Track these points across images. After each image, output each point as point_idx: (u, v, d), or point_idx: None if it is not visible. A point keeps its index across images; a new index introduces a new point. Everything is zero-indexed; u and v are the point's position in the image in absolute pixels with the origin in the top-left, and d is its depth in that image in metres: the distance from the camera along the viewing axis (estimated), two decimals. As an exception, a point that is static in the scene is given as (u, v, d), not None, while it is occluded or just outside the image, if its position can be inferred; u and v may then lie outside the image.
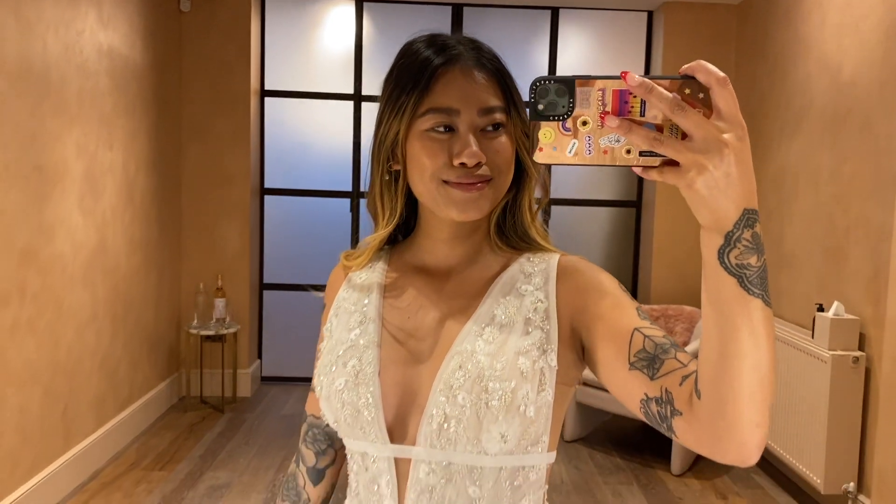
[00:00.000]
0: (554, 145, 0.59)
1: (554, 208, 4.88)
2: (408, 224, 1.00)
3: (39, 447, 3.01)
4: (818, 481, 3.09)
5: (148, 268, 4.10)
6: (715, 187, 0.58)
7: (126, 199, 3.80)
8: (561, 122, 0.59)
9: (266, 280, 5.04)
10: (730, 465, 0.70)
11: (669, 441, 3.75)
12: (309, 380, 1.05)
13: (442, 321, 0.91)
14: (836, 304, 3.10)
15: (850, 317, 3.07)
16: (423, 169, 0.86)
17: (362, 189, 1.00)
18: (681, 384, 0.73)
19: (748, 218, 0.60)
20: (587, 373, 0.90)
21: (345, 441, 0.93)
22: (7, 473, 2.77)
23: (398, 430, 0.87)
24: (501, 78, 0.89)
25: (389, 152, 0.90)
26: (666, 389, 0.74)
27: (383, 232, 0.94)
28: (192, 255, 4.67)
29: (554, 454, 0.90)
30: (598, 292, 0.87)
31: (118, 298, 3.72)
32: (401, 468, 0.87)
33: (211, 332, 4.39)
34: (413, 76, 0.87)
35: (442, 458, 0.85)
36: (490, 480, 0.85)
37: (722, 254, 0.61)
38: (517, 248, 0.95)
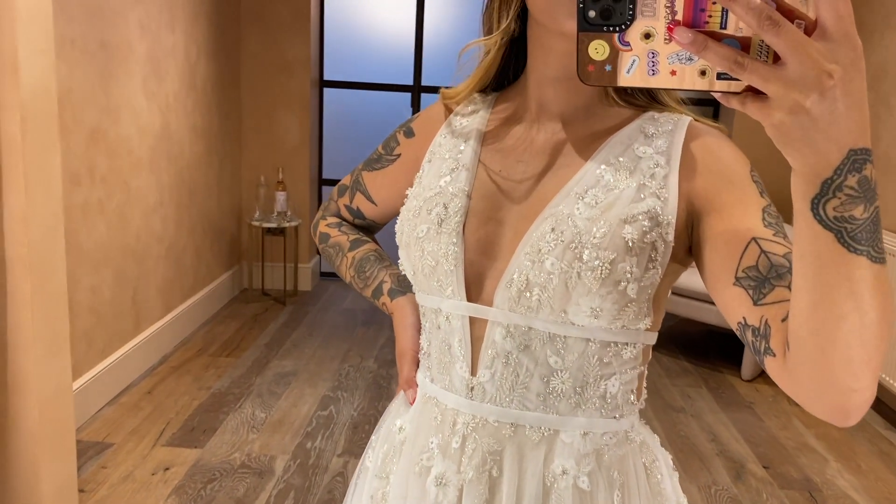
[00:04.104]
0: (608, 63, 0.46)
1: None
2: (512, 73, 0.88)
3: (112, 329, 3.03)
4: (902, 390, 2.98)
5: (210, 157, 4.05)
6: (812, 128, 0.44)
7: (188, 84, 3.70)
8: (618, 35, 0.46)
9: (325, 176, 4.97)
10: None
11: (739, 347, 3.65)
12: None
13: (540, 177, 0.79)
14: (938, 206, 2.90)
15: (953, 220, 2.88)
16: None
17: (423, 83, 0.90)
18: (783, 320, 0.60)
19: (854, 160, 0.45)
20: None
21: (418, 297, 0.86)
22: (83, 352, 2.81)
23: (474, 289, 0.78)
24: None
25: None
26: (766, 321, 0.62)
27: (495, 36, 0.81)
28: (253, 146, 4.60)
29: (655, 335, 0.79)
30: (726, 178, 0.73)
31: (182, 186, 3.68)
32: (476, 330, 0.78)
33: (273, 225, 4.35)
34: None
35: (522, 323, 0.75)
36: (575, 352, 0.75)
37: (816, 205, 0.47)
38: (640, 106, 0.82)
